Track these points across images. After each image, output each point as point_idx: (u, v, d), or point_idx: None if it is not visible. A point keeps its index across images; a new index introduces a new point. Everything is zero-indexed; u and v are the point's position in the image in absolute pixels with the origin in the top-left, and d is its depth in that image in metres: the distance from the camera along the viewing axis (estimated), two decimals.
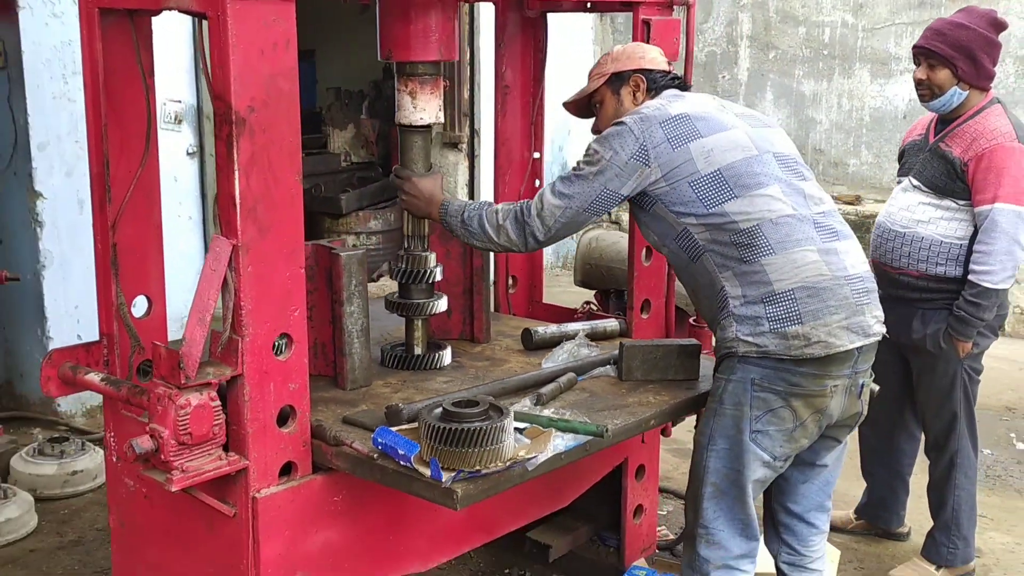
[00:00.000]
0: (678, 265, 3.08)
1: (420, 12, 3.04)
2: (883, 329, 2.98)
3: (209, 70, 2.43)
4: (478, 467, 2.44)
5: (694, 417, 3.97)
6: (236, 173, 2.43)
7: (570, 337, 3.46)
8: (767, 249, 2.87)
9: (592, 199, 2.95)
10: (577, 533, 3.95)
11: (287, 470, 2.67)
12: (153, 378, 2.50)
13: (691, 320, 3.80)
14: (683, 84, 3.26)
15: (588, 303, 4.01)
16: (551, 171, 9.52)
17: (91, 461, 4.73)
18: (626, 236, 3.95)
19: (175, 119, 5.82)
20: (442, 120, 3.24)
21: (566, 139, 9.61)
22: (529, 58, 3.95)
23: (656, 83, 3.19)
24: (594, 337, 3.59)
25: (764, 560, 3.98)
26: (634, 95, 3.19)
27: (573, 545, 3.94)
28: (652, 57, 3.24)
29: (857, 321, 2.88)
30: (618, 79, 3.21)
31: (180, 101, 5.85)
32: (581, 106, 3.34)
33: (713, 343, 3.09)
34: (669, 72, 3.24)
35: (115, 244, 2.80)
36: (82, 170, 5.12)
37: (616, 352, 3.28)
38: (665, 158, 2.92)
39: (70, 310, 5.36)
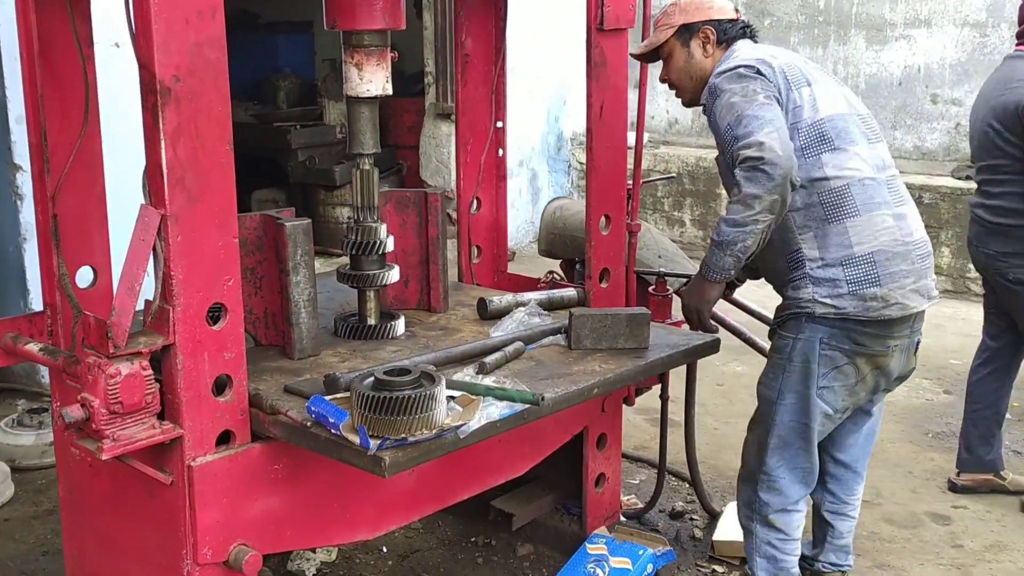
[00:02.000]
0: None
1: None
2: (938, 293, 3.19)
3: (134, 40, 2.42)
4: (404, 435, 2.44)
5: (658, 387, 4.00)
6: (163, 143, 2.41)
7: (523, 306, 3.44)
8: (853, 211, 3.01)
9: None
10: (541, 502, 3.95)
11: (225, 438, 2.67)
12: (84, 347, 2.51)
13: (650, 289, 3.77)
14: (753, 32, 3.34)
15: (552, 273, 3.99)
16: (546, 141, 9.49)
17: None
18: None
19: None
20: (390, 92, 3.21)
21: (562, 109, 9.57)
22: (490, 26, 3.92)
23: (726, 33, 3.27)
24: (552, 306, 3.58)
25: (731, 528, 3.99)
26: (704, 47, 3.29)
27: (537, 514, 3.94)
28: (720, 6, 3.31)
29: (923, 284, 3.10)
30: (687, 30, 3.30)
31: None
32: (648, 55, 3.43)
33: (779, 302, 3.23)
34: (737, 20, 3.31)
35: (55, 215, 2.80)
36: None
37: (567, 321, 3.26)
38: (784, 97, 3.01)
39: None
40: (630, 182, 3.68)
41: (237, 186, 2.59)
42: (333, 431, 2.50)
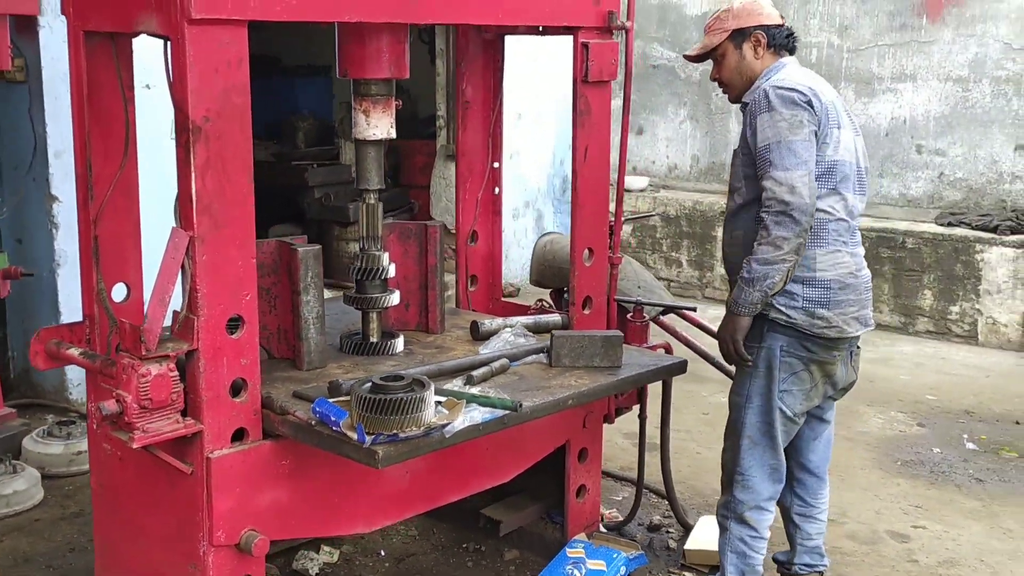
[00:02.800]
0: (747, 224, 3.49)
1: (372, 35, 3.40)
2: (874, 323, 3.64)
3: (171, 85, 2.80)
4: (396, 431, 2.79)
5: (636, 409, 4.34)
6: (193, 175, 2.79)
7: (511, 328, 3.79)
8: (823, 243, 3.44)
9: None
10: (527, 511, 4.28)
11: (239, 435, 3.03)
12: (120, 350, 2.87)
13: (628, 316, 4.12)
14: (795, 40, 3.69)
15: (541, 300, 4.34)
16: (552, 183, 9.87)
17: None
18: None
19: None
20: (394, 135, 3.59)
21: (566, 153, 9.95)
22: (489, 76, 4.30)
23: (775, 38, 3.62)
24: (538, 330, 3.92)
25: (703, 538, 4.30)
26: (755, 49, 3.63)
27: (523, 522, 4.27)
28: (769, 12, 3.67)
29: (864, 314, 3.54)
30: (740, 35, 3.65)
31: None
32: (700, 56, 3.79)
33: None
34: (782, 26, 3.66)
35: (96, 236, 3.18)
36: None
37: (549, 341, 3.61)
38: (820, 131, 3.40)
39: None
40: (613, 218, 4.05)
41: (256, 221, 2.96)
42: (334, 428, 2.85)
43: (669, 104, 9.97)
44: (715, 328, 4.45)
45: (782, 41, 3.64)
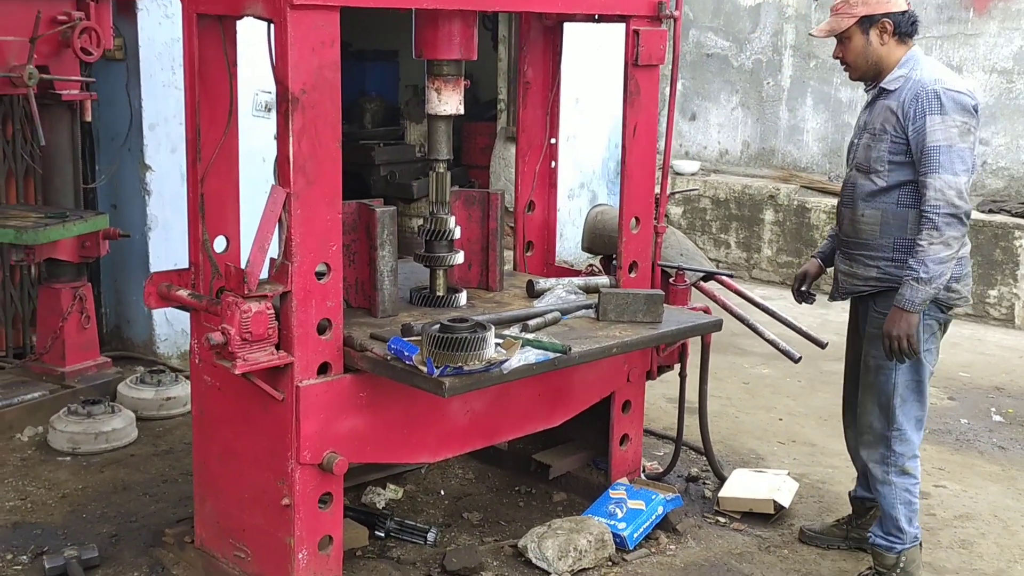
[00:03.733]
0: (887, 206, 3.79)
1: (445, 20, 3.80)
2: None
3: (273, 62, 3.23)
4: (461, 364, 3.20)
5: (678, 370, 4.70)
6: (291, 139, 3.22)
7: (563, 286, 4.18)
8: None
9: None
10: (575, 457, 4.67)
11: (324, 368, 3.46)
12: (225, 290, 3.31)
13: (671, 280, 4.49)
14: (917, 27, 3.91)
15: (591, 265, 4.72)
16: (607, 166, 10.21)
17: (182, 390, 5.57)
18: None
19: (265, 108, 6.67)
20: (462, 112, 3.98)
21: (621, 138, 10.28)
22: (548, 59, 4.67)
23: (900, 26, 3.81)
24: (588, 290, 4.28)
25: (736, 487, 4.67)
26: (881, 36, 3.85)
27: (571, 467, 4.67)
28: (896, 0, 3.87)
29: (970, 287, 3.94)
30: (868, 21, 3.82)
31: (270, 92, 6.68)
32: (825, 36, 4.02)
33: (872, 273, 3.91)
34: (907, 11, 3.88)
35: (203, 194, 3.62)
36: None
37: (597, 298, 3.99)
38: (974, 135, 3.71)
39: (171, 266, 6.24)
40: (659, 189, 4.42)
41: None
42: (407, 362, 3.27)
43: (722, 91, 10.28)
44: (753, 295, 4.84)
45: (907, 28, 3.85)
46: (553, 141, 4.73)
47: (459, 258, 4.13)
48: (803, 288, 4.32)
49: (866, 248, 3.88)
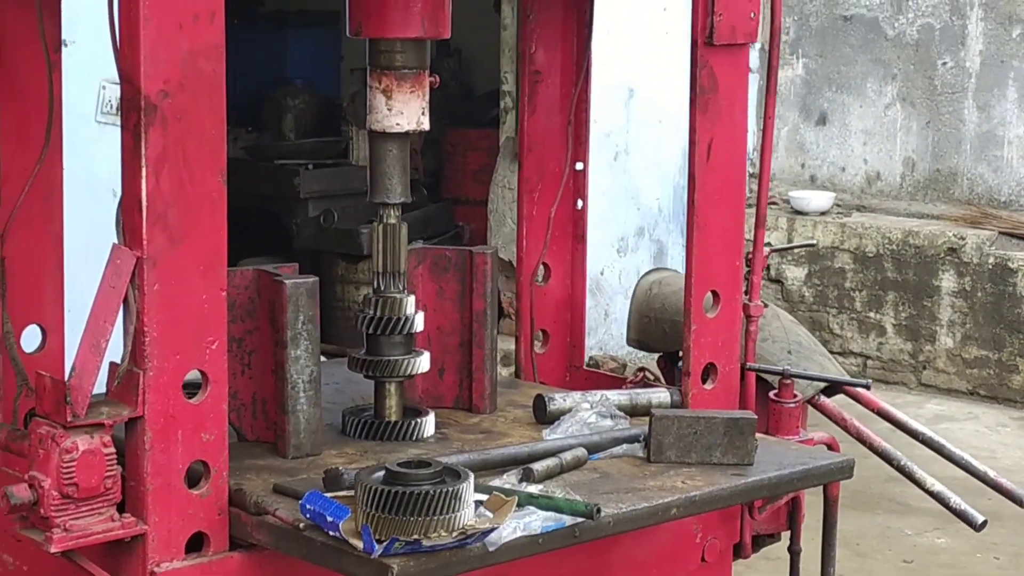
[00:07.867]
0: None
1: None
2: None
3: (117, 46, 3.31)
4: (418, 536, 3.24)
5: (787, 535, 4.74)
6: (143, 170, 3.28)
7: (593, 404, 4.23)
8: None
9: None
10: None
11: (197, 543, 3.49)
12: (36, 415, 3.37)
13: (771, 394, 4.53)
14: None
15: (643, 370, 4.76)
16: (680, 198, 10.24)
17: None
18: None
19: (116, 109, 6.79)
20: (426, 127, 4.03)
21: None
22: (570, 34, 4.75)
23: None
24: (635, 412, 4.33)
25: None
26: None
27: None
28: None
29: None
30: None
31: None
32: None
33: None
34: None
35: (3, 258, 3.69)
36: None
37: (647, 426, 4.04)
38: None
39: None
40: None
41: None
42: (331, 532, 3.31)
43: (869, 77, 10.39)
44: (907, 418, 4.89)
45: None
46: (580, 167, 4.79)
47: (423, 363, 4.17)
48: None
49: None
